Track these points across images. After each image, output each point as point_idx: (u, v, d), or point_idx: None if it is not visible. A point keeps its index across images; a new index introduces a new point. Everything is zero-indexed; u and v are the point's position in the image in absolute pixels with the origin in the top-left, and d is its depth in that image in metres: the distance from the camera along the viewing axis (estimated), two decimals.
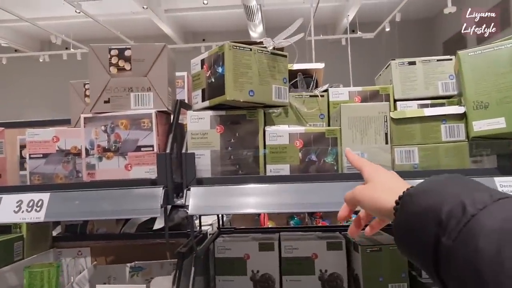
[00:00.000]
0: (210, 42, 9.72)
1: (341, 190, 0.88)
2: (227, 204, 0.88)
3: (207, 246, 1.14)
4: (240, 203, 0.89)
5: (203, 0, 8.50)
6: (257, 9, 8.02)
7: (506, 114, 0.83)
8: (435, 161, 0.91)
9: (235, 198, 0.89)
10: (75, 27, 9.09)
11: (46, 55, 8.62)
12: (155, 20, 9.18)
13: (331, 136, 0.93)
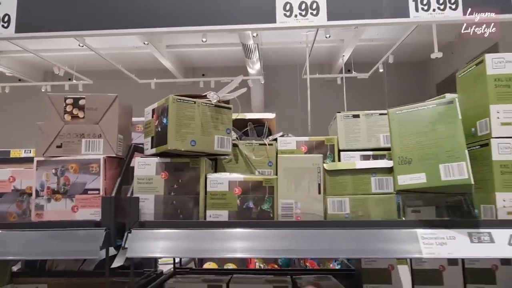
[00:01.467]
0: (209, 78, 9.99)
1: (276, 237, 0.93)
2: (165, 247, 0.93)
3: (156, 286, 1.17)
4: (178, 247, 0.93)
5: (202, 38, 8.80)
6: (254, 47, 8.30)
7: (427, 170, 0.89)
8: (365, 211, 0.96)
9: (174, 242, 0.93)
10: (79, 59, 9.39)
11: (48, 85, 8.84)
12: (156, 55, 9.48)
13: (268, 185, 0.98)
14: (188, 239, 0.91)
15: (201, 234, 0.93)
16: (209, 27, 1.54)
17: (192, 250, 0.91)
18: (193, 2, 1.49)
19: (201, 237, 0.93)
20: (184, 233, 0.93)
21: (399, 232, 0.89)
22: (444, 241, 0.87)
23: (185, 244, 0.91)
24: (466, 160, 0.85)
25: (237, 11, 1.53)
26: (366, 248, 0.89)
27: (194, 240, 0.92)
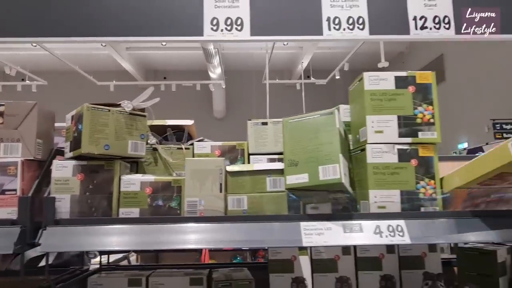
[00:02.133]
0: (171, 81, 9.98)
1: (181, 232, 1.04)
2: (78, 242, 1.02)
3: (77, 281, 1.25)
4: (91, 242, 1.02)
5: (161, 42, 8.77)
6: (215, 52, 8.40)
7: (309, 171, 1.03)
8: (260, 207, 1.09)
9: (87, 237, 1.02)
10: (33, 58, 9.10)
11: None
12: (115, 57, 9.35)
13: (176, 185, 1.10)
14: (100, 234, 1.01)
15: (113, 229, 1.03)
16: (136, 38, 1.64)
17: (101, 244, 1.00)
18: None
19: (112, 233, 1.02)
20: (96, 229, 1.02)
21: (285, 225, 1.03)
22: (322, 232, 1.02)
23: (96, 239, 1.01)
24: (339, 163, 1.01)
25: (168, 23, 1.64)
26: (257, 239, 1.02)
27: (105, 235, 1.01)
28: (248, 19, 1.63)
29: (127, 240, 1.02)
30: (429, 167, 1.11)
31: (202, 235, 1.02)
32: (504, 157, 0.92)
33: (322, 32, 1.62)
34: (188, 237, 1.03)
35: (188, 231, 1.03)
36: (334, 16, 1.62)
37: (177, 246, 1.03)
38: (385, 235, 1.02)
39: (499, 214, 1.06)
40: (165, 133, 1.33)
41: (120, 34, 1.62)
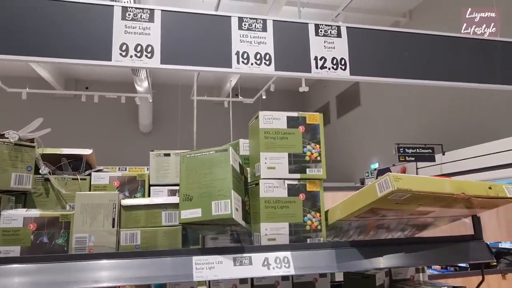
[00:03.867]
0: (93, 92, 9.47)
1: (66, 270, 0.99)
2: None
3: None
4: None
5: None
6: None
7: (202, 206, 1.07)
8: (154, 241, 1.09)
9: None
10: None
11: None
12: (29, 62, 8.65)
13: (64, 220, 1.06)
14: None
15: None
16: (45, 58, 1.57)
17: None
18: None
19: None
20: None
21: (178, 260, 1.04)
22: (213, 265, 1.05)
23: None
24: (231, 198, 1.05)
25: (76, 46, 1.59)
26: (149, 275, 1.02)
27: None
28: (158, 48, 1.64)
29: (5, 283, 0.96)
30: (315, 201, 1.20)
31: (90, 273, 0.99)
32: (371, 196, 1.05)
33: (231, 65, 1.69)
34: (74, 276, 0.99)
35: (74, 269, 1.00)
36: (243, 51, 1.70)
37: (62, 286, 0.98)
38: (272, 267, 1.08)
39: (372, 244, 1.18)
40: (59, 162, 1.27)
41: (29, 53, 1.54)
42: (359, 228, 1.37)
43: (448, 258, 1.21)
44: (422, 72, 2.04)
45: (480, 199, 1.14)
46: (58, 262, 0.99)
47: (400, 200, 1.06)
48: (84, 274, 0.99)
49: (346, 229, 1.33)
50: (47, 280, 0.97)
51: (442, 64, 2.08)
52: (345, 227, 1.31)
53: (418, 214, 1.22)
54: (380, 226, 1.39)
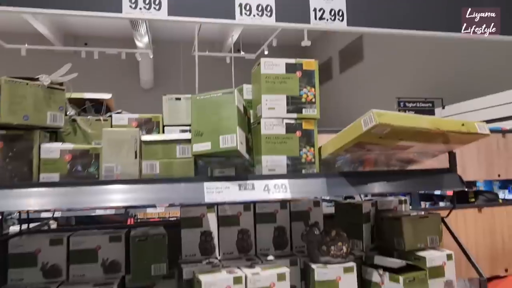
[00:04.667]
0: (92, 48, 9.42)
1: (99, 192, 1.18)
2: (3, 204, 1.12)
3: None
4: (13, 203, 1.13)
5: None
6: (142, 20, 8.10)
7: (211, 140, 1.24)
8: (170, 171, 1.28)
9: (9, 199, 1.12)
10: None
11: None
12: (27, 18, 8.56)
13: (94, 152, 1.24)
14: (22, 197, 1.12)
15: (34, 192, 1.14)
16: None
17: (23, 205, 1.12)
18: None
19: (34, 195, 1.14)
20: (17, 192, 1.13)
21: (190, 185, 1.23)
22: (221, 190, 1.24)
23: (18, 200, 1.12)
24: (236, 133, 1.22)
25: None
26: (167, 197, 1.21)
27: (27, 197, 1.13)
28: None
29: (49, 201, 1.15)
30: (310, 138, 1.37)
31: (118, 195, 1.18)
32: (357, 130, 1.21)
33: (235, 17, 1.80)
34: (106, 197, 1.18)
35: (106, 192, 1.19)
36: (245, 2, 1.80)
37: (95, 204, 1.18)
38: (271, 192, 1.27)
39: (358, 174, 1.36)
40: (84, 105, 1.43)
41: (35, 5, 1.64)
42: (350, 165, 1.55)
43: (425, 186, 1.40)
44: (423, 23, 2.11)
45: (454, 134, 1.30)
46: (92, 186, 1.18)
47: (382, 134, 1.22)
48: (113, 196, 1.18)
49: (338, 165, 1.51)
50: (83, 200, 1.17)
51: (439, 15, 2.15)
52: (337, 162, 1.49)
53: (400, 149, 1.39)
54: (368, 162, 1.57)
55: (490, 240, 2.04)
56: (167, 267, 1.42)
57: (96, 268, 1.41)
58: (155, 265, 1.40)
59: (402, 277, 1.32)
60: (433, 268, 1.41)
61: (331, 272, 1.32)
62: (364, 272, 1.46)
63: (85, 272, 1.41)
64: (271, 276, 1.25)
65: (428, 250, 1.48)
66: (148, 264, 1.39)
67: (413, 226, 1.49)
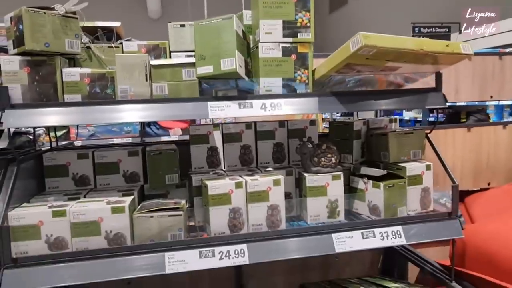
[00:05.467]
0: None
1: (117, 111, 1.35)
2: (32, 120, 1.30)
3: (35, 156, 1.57)
4: (43, 120, 1.32)
5: None
6: None
7: (213, 63, 1.37)
8: (177, 92, 1.43)
9: (40, 116, 1.31)
10: None
11: None
12: None
13: (109, 76, 1.39)
14: (50, 114, 1.30)
15: (61, 110, 1.32)
16: None
17: (51, 121, 1.31)
18: None
19: (61, 113, 1.32)
20: (46, 110, 1.31)
21: (196, 104, 1.39)
22: (223, 108, 1.40)
23: (47, 118, 1.30)
24: (235, 57, 1.34)
25: None
26: (176, 114, 1.38)
27: (55, 114, 1.31)
28: None
29: (74, 118, 1.33)
30: (304, 60, 1.49)
31: (133, 113, 1.36)
32: (346, 52, 1.32)
33: None
34: (122, 114, 1.35)
35: (122, 110, 1.36)
36: None
37: (113, 121, 1.36)
38: (268, 109, 1.42)
39: (348, 93, 1.50)
40: (96, 33, 1.55)
41: None
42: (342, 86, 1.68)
43: (411, 104, 1.53)
44: None
45: (438, 54, 1.40)
46: (109, 105, 1.35)
47: (369, 56, 1.33)
48: (129, 113, 1.35)
49: (332, 87, 1.64)
50: (102, 117, 1.34)
51: None
52: (329, 83, 1.62)
53: (389, 70, 1.50)
54: (361, 84, 1.69)
55: (476, 156, 2.21)
56: (179, 177, 1.64)
57: (118, 178, 1.65)
58: (168, 175, 1.62)
59: (382, 183, 1.52)
60: (412, 177, 1.60)
61: (321, 179, 1.53)
62: (352, 180, 1.67)
63: (109, 182, 1.64)
64: (268, 181, 1.45)
65: (410, 162, 1.66)
66: (162, 175, 1.61)
67: (398, 141, 1.65)
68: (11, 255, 1.26)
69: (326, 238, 1.44)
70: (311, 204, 1.53)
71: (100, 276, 1.27)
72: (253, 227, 1.45)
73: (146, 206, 1.43)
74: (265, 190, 1.45)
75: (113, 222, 1.33)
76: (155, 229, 1.36)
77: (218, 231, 1.43)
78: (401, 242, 1.47)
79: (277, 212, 1.46)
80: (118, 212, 1.33)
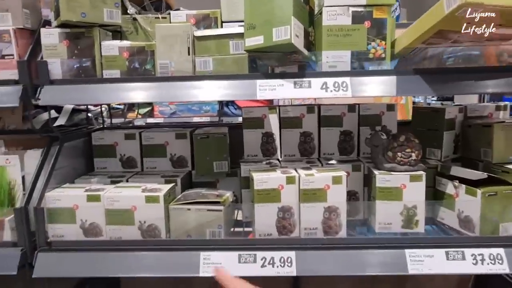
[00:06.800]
0: None
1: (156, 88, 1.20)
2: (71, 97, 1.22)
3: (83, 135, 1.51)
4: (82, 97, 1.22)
5: None
6: None
7: (264, 33, 1.13)
8: (224, 68, 1.23)
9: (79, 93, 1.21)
10: None
11: None
12: None
13: (149, 49, 1.24)
14: (89, 90, 1.20)
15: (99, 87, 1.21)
16: None
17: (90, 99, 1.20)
18: None
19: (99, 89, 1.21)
20: (85, 87, 1.20)
21: (244, 82, 1.17)
22: (274, 88, 1.16)
23: (86, 95, 1.20)
24: (290, 24, 1.09)
25: None
26: (221, 94, 1.18)
27: (94, 91, 1.20)
28: None
29: (112, 96, 1.21)
30: (381, 29, 1.17)
31: (173, 90, 1.19)
32: (438, 14, 0.98)
33: None
34: (162, 93, 1.20)
35: (161, 87, 1.20)
36: None
37: (152, 99, 1.21)
38: (330, 90, 1.15)
39: (437, 71, 1.15)
40: (143, 3, 1.41)
41: None
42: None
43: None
44: None
45: None
46: (149, 82, 1.20)
47: (470, 19, 0.97)
48: (168, 91, 1.19)
49: (417, 61, 1.30)
50: (142, 95, 1.20)
51: None
52: (415, 58, 1.27)
53: (499, 38, 1.11)
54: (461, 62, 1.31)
55: None
56: (228, 165, 1.46)
57: (165, 162, 1.52)
58: (216, 162, 1.45)
59: (480, 190, 1.16)
60: None
61: (395, 179, 1.21)
62: (438, 182, 1.32)
63: (156, 165, 1.53)
64: (326, 178, 1.19)
65: None
66: (210, 161, 1.44)
67: (507, 135, 1.25)
68: (47, 238, 1.20)
69: (397, 254, 1.14)
70: (381, 209, 1.23)
71: (127, 270, 1.16)
72: (306, 231, 1.22)
73: (186, 196, 1.28)
74: (322, 189, 1.19)
75: (147, 212, 1.20)
76: (192, 223, 1.21)
77: (264, 232, 1.22)
78: (502, 270, 1.11)
79: (336, 216, 1.20)
80: (152, 202, 1.19)
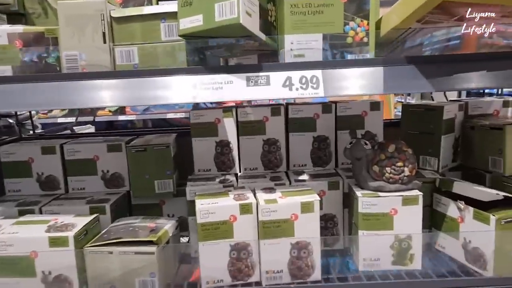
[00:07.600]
0: None
1: (62, 88, 0.89)
2: None
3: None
4: None
5: None
6: None
7: (204, 11, 0.82)
8: (154, 61, 0.92)
9: None
10: None
11: None
12: None
13: (51, 36, 0.91)
14: None
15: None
16: None
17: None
18: None
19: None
20: None
21: (179, 78, 0.86)
22: (221, 86, 0.86)
23: None
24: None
25: None
26: (150, 96, 0.87)
27: None
28: None
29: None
30: (363, 4, 0.87)
31: (85, 93, 0.87)
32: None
33: None
34: (69, 98, 0.88)
35: (69, 88, 0.88)
36: None
37: (55, 107, 0.89)
38: (295, 87, 0.85)
39: (437, 59, 0.86)
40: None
41: None
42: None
43: None
44: None
45: None
46: (50, 81, 0.87)
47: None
48: (79, 94, 0.87)
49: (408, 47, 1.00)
50: (40, 100, 0.88)
51: None
52: (406, 42, 0.98)
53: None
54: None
55: None
56: (173, 183, 1.15)
57: (96, 181, 1.20)
58: (158, 181, 1.14)
59: (495, 216, 0.88)
60: None
61: (383, 203, 0.93)
62: (437, 202, 1.04)
63: (85, 185, 1.21)
64: (293, 206, 0.90)
65: None
66: (150, 179, 1.14)
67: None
68: None
69: None
70: (366, 241, 0.95)
71: None
72: (268, 275, 0.92)
73: (111, 232, 0.96)
74: (287, 219, 0.90)
75: (53, 259, 0.88)
76: (116, 271, 0.90)
77: (213, 278, 0.93)
78: None
79: (307, 254, 0.91)
80: (59, 245, 0.88)
